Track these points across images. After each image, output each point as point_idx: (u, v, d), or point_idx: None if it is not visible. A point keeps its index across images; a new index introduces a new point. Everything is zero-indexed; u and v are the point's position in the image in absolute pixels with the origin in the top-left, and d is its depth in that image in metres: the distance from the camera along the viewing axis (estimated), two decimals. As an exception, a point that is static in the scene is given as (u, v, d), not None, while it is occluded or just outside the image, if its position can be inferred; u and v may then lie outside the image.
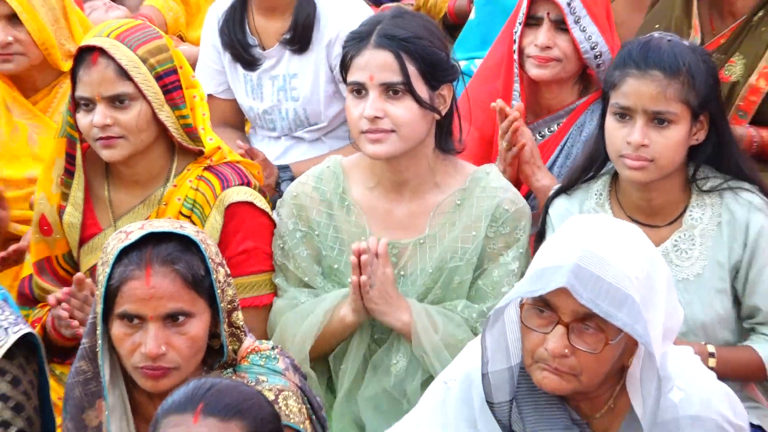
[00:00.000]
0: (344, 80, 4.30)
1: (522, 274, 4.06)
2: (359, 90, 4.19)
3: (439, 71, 4.23)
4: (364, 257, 4.06)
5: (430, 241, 4.31)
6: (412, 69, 4.16)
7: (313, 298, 4.34)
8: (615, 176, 4.20)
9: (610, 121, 4.00)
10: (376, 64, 4.17)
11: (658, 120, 3.96)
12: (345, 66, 4.29)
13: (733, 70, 5.55)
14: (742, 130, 5.38)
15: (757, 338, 4.23)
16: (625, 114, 3.97)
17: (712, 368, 3.75)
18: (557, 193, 4.36)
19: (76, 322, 4.16)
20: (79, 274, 4.28)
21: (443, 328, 4.21)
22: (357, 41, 4.26)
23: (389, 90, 4.15)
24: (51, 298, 4.25)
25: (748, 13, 5.55)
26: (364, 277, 4.08)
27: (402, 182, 4.31)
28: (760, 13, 5.54)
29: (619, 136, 3.98)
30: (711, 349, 4.06)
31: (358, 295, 4.15)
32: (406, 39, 4.18)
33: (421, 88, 4.18)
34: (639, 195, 4.11)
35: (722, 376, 3.74)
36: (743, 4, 5.56)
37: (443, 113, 4.26)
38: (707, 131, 4.06)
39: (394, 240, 4.29)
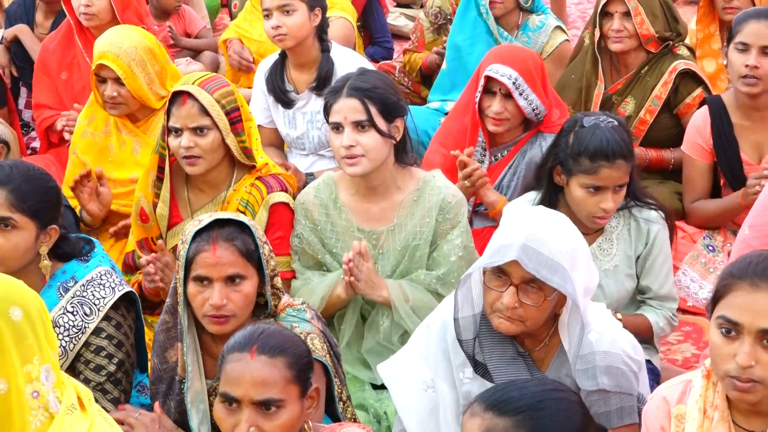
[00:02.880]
0: (327, 121, 4.32)
1: (464, 246, 4.31)
2: (337, 127, 4.24)
3: (392, 110, 4.26)
4: (351, 262, 4.13)
5: (398, 228, 4.35)
6: (373, 110, 4.19)
7: (319, 277, 4.38)
8: (560, 191, 4.20)
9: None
10: (348, 108, 4.20)
11: None
12: (327, 111, 4.32)
13: (627, 107, 5.68)
14: (637, 150, 5.40)
15: (647, 309, 4.28)
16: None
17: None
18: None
19: (158, 277, 4.22)
20: (160, 242, 4.37)
21: (412, 296, 4.24)
22: (333, 93, 4.31)
23: (358, 126, 4.19)
24: (143, 260, 4.32)
25: (637, 67, 5.67)
26: (352, 278, 4.14)
27: (373, 188, 4.35)
28: (646, 68, 5.64)
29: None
30: (619, 316, 4.06)
31: (348, 284, 4.20)
32: (367, 89, 4.22)
33: (381, 123, 4.20)
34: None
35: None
36: (633, 62, 5.68)
37: (398, 138, 4.29)
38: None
39: (373, 229, 4.36)
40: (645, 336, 4.16)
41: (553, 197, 4.18)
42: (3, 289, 2.73)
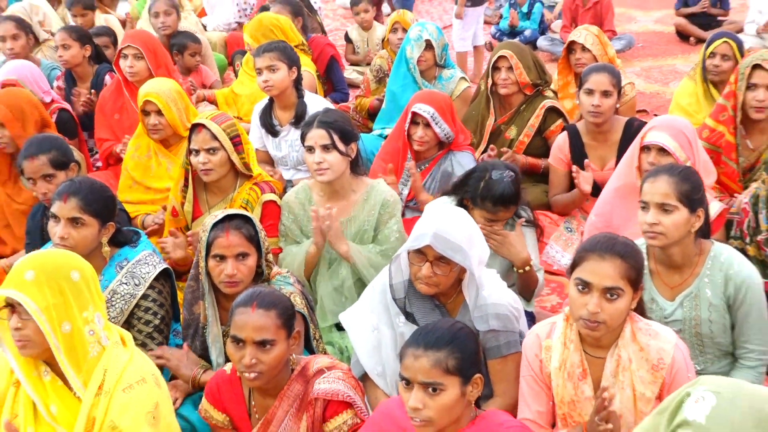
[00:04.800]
0: (303, 145, 4.30)
1: (398, 231, 4.29)
2: (310, 149, 4.22)
3: (348, 137, 4.25)
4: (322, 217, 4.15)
5: (353, 218, 4.35)
6: (335, 137, 4.19)
7: (296, 248, 4.37)
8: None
9: None
10: (318, 135, 4.20)
11: None
12: (303, 138, 4.31)
13: (511, 133, 5.69)
14: (521, 158, 5.55)
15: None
16: None
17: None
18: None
19: (168, 248, 4.22)
20: (173, 230, 4.35)
21: (366, 254, 4.25)
22: (307, 125, 4.30)
23: (325, 148, 4.18)
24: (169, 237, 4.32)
25: (517, 105, 5.68)
26: (323, 227, 4.16)
27: (336, 191, 4.33)
28: (524, 105, 5.64)
29: None
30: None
31: (318, 234, 4.20)
32: (330, 122, 4.22)
33: (341, 146, 4.20)
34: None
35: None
36: (514, 101, 5.67)
37: (353, 156, 4.29)
38: None
39: (339, 219, 4.29)
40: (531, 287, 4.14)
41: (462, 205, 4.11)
42: (65, 259, 2.82)
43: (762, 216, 4.12)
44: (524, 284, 4.08)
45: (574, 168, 4.97)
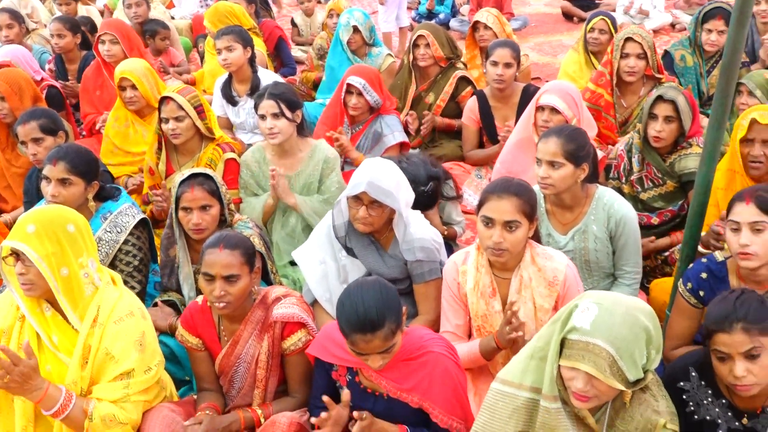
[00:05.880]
0: (257, 113, 4.23)
1: (338, 182, 4.22)
2: (263, 117, 4.16)
3: (293, 105, 4.18)
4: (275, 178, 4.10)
5: (300, 173, 4.28)
6: (283, 106, 4.13)
7: (256, 200, 4.31)
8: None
9: None
10: (268, 105, 4.14)
11: None
12: (256, 107, 4.24)
13: (430, 99, 5.61)
14: (438, 119, 5.52)
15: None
16: None
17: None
18: None
19: (161, 200, 4.18)
20: (163, 183, 4.29)
21: (311, 204, 4.20)
22: (259, 97, 4.23)
23: (274, 116, 4.13)
24: (154, 192, 4.28)
25: (434, 76, 5.62)
26: (276, 186, 4.11)
27: (285, 151, 4.27)
28: (440, 76, 5.59)
29: None
30: None
31: (274, 191, 4.14)
32: (278, 94, 4.16)
33: (288, 114, 4.14)
34: None
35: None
36: (432, 72, 5.61)
37: (298, 122, 4.23)
38: None
39: (286, 174, 4.26)
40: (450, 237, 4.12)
41: None
42: (62, 214, 2.78)
43: (635, 160, 4.17)
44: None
45: (505, 128, 4.95)
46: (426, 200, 3.83)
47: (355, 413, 2.63)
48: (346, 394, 2.68)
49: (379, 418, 2.69)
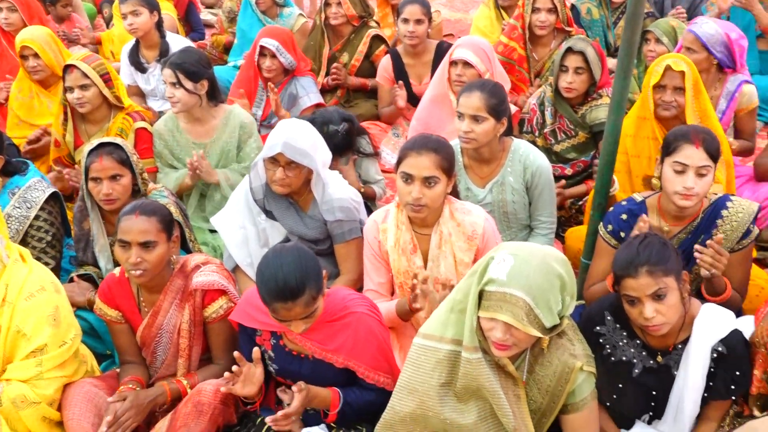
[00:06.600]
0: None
1: (256, 147, 4.16)
2: (172, 84, 4.05)
3: (194, 75, 4.05)
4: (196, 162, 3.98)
5: (216, 140, 4.19)
6: (181, 76, 4.02)
7: (173, 173, 4.21)
8: None
9: None
10: (167, 74, 4.04)
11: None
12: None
13: (344, 58, 5.56)
14: (356, 80, 5.47)
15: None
16: None
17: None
18: None
19: (72, 178, 4.05)
20: (76, 167, 4.16)
21: (231, 176, 4.13)
22: (163, 65, 4.12)
23: (173, 85, 4.04)
24: (66, 172, 4.13)
25: (348, 35, 5.57)
26: (197, 171, 4.00)
27: (196, 119, 4.17)
28: (353, 35, 5.55)
29: None
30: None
31: (194, 174, 4.04)
32: (179, 64, 4.05)
33: (187, 84, 4.03)
34: None
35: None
36: (345, 31, 5.56)
37: (202, 92, 4.11)
38: None
39: (201, 141, 4.18)
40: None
41: None
42: None
43: (547, 113, 4.23)
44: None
45: (396, 87, 4.96)
46: (341, 141, 3.84)
47: (294, 386, 2.62)
48: (256, 351, 2.66)
49: (306, 379, 2.70)
